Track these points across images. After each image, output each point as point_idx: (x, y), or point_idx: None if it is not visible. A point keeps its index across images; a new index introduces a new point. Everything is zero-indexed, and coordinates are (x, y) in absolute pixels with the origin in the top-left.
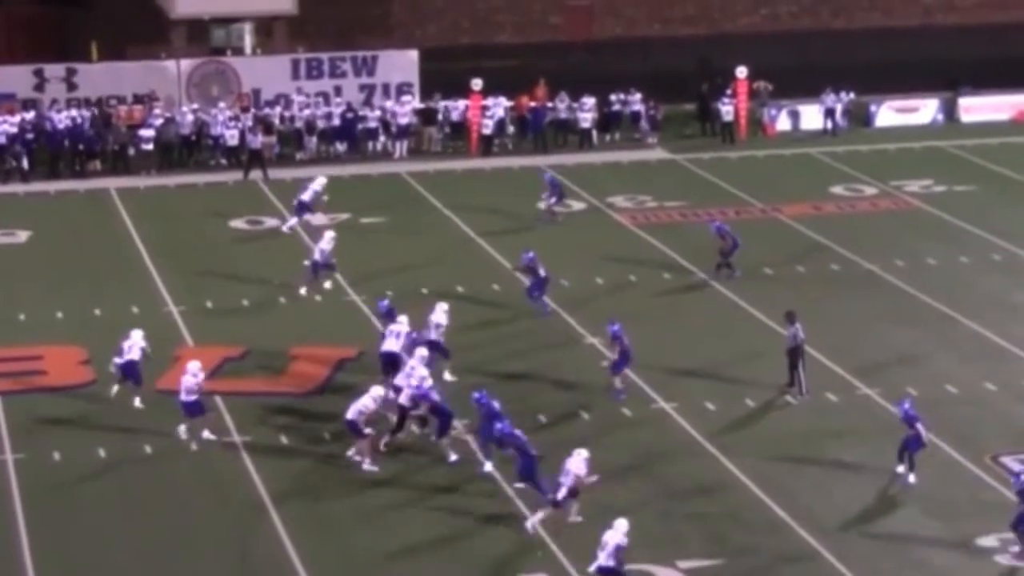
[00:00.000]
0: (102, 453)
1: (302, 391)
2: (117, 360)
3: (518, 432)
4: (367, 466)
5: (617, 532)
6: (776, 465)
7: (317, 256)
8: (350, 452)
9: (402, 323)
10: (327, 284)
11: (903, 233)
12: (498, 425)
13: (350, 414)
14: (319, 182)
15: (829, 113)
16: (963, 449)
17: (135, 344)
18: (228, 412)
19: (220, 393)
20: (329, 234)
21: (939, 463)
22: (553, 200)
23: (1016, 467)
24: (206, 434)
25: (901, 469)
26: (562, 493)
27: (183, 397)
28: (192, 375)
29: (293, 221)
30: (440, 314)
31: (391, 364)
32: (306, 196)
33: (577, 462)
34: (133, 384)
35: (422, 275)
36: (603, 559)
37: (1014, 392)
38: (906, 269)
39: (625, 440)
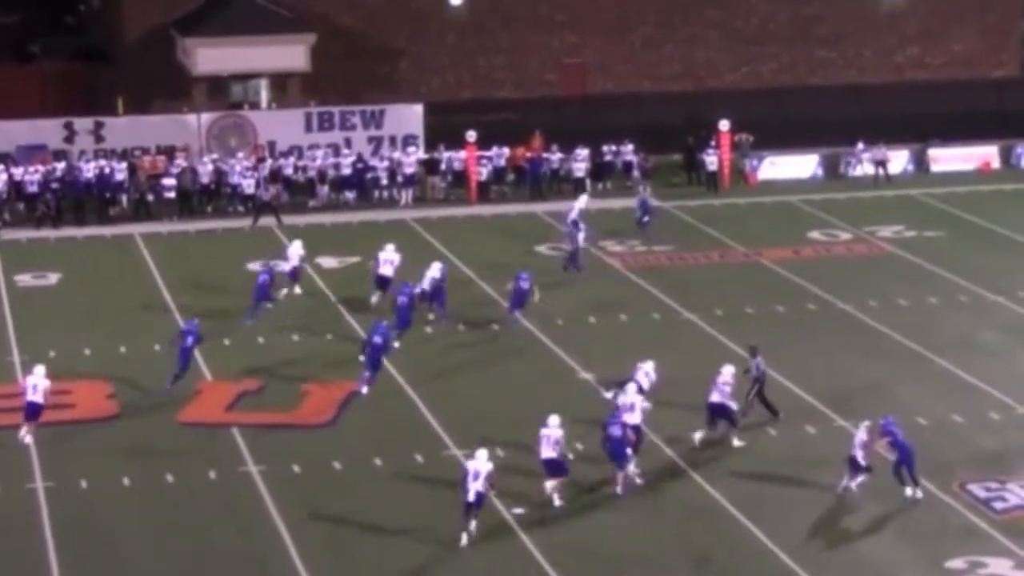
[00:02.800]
0: (127, 482)
1: (315, 422)
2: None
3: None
4: (558, 501)
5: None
6: (757, 491)
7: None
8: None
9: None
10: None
11: (876, 275)
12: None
13: (552, 453)
14: (296, 248)
15: (880, 164)
16: (933, 478)
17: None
18: (245, 443)
19: (238, 425)
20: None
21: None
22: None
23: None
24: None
25: (909, 492)
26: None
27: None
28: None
29: (296, 291)
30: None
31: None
32: (291, 265)
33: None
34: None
35: (426, 315)
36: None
37: (980, 424)
38: (879, 309)
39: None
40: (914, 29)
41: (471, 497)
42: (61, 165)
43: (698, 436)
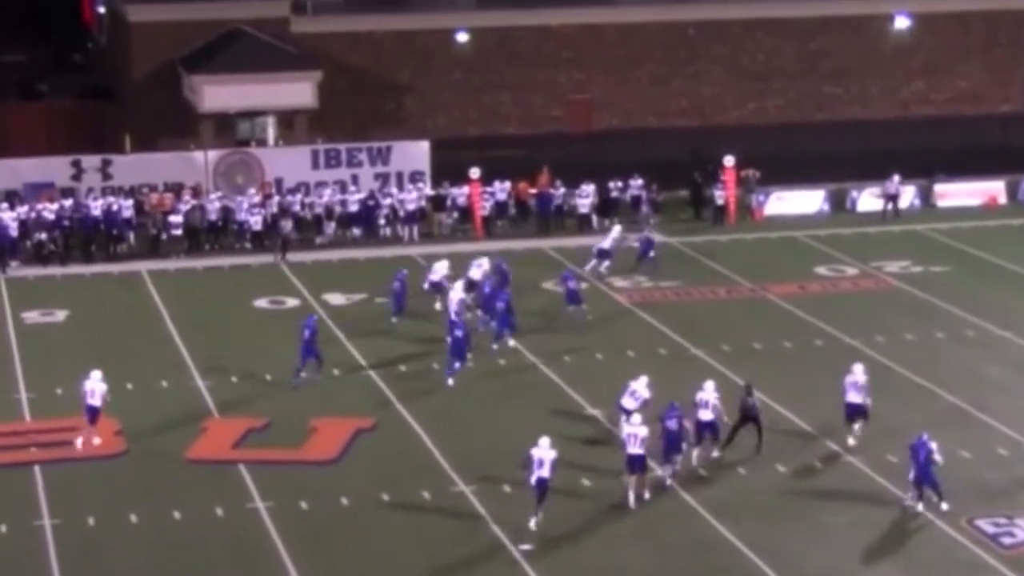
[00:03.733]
0: (134, 519)
1: (322, 459)
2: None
3: None
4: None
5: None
6: (765, 526)
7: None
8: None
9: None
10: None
11: (883, 311)
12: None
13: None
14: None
15: (891, 199)
16: (941, 513)
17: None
18: (252, 479)
19: (245, 462)
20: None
21: (917, 525)
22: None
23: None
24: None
25: (941, 505)
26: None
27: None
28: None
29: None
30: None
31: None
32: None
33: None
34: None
35: (433, 351)
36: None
37: (987, 458)
38: (885, 344)
39: (623, 504)
40: (920, 64)
41: (535, 483)
42: (68, 203)
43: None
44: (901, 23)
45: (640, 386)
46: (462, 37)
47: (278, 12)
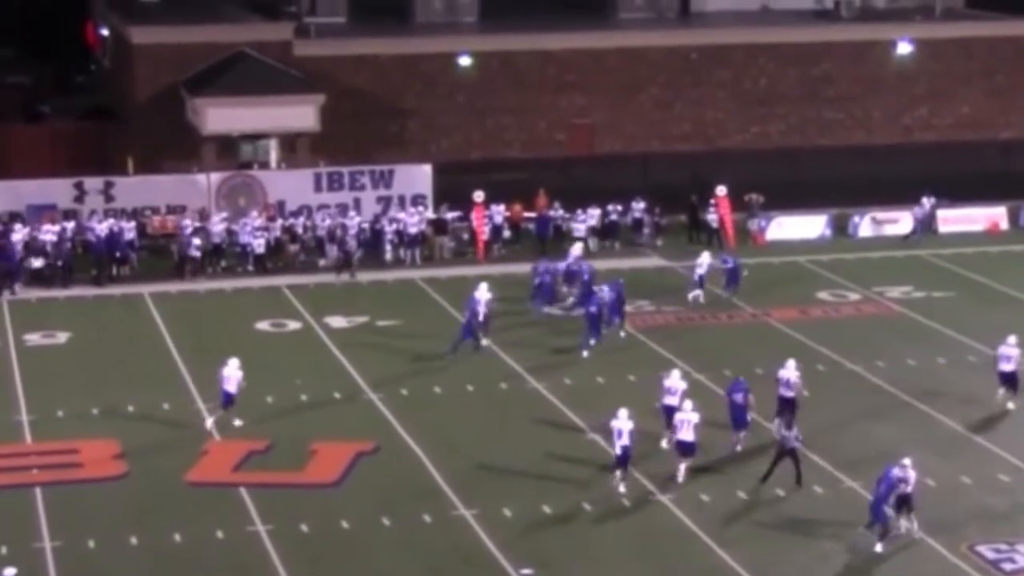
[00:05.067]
0: (134, 541)
1: (323, 482)
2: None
3: None
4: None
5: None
6: (765, 551)
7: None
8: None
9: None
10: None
11: (885, 336)
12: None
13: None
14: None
15: (920, 221)
16: (941, 538)
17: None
18: (253, 502)
19: (245, 484)
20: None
21: (918, 552)
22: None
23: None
24: None
25: (876, 545)
26: None
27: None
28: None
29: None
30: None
31: None
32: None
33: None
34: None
35: (435, 375)
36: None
37: (988, 485)
38: (887, 370)
39: (624, 528)
40: (922, 90)
41: (618, 452)
42: (71, 224)
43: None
44: (903, 49)
45: (674, 381)
46: (465, 61)
47: (281, 35)
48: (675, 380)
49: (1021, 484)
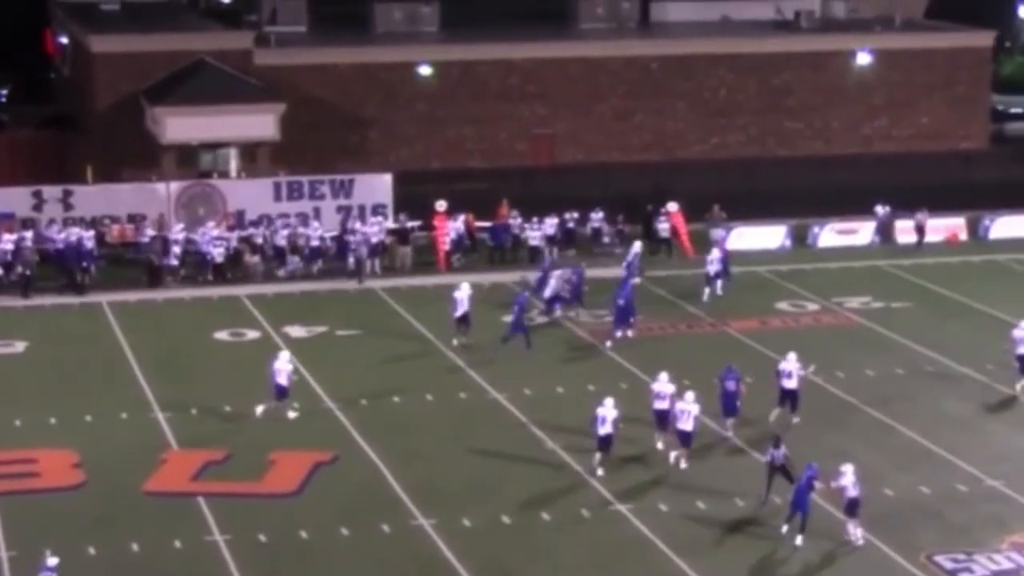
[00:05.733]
0: (92, 551)
1: (282, 492)
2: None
3: None
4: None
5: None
6: (722, 560)
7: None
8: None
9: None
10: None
11: (843, 346)
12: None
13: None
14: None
15: (919, 229)
16: (900, 549)
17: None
18: (211, 512)
19: (204, 494)
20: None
21: (877, 562)
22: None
23: None
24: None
25: (797, 538)
26: None
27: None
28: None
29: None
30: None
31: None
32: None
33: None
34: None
35: (394, 384)
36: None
37: (947, 495)
38: (846, 380)
39: (583, 539)
40: (882, 101)
41: (600, 437)
42: (29, 233)
43: (673, 456)
44: (863, 60)
45: (662, 385)
46: (425, 70)
47: (241, 44)
48: (663, 384)
49: (979, 494)
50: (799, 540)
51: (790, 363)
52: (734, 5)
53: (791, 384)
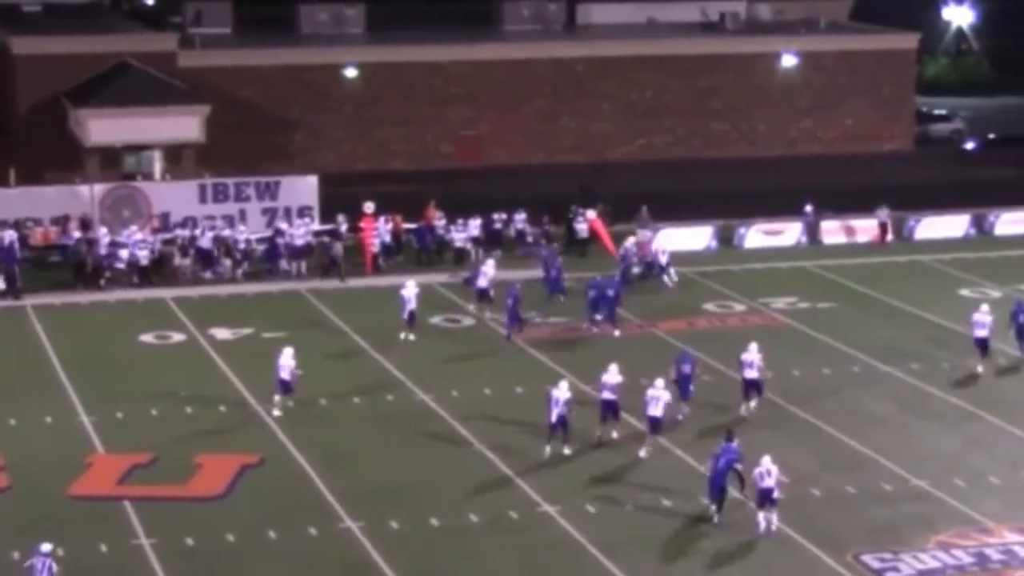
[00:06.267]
0: (16, 556)
1: (208, 495)
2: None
3: None
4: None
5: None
6: (653, 562)
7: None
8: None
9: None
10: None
11: (770, 347)
12: None
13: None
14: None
15: (882, 227)
16: (826, 548)
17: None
18: (137, 516)
19: (130, 498)
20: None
21: (804, 562)
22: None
23: None
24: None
25: (715, 516)
26: None
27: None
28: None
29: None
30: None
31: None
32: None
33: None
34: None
35: (320, 386)
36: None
37: (873, 495)
38: (773, 380)
39: (512, 541)
40: (807, 103)
41: (554, 419)
42: None
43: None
44: (788, 61)
45: (611, 376)
46: (351, 72)
47: (165, 46)
48: (612, 375)
49: (905, 494)
50: (716, 519)
51: (752, 354)
52: (660, 7)
53: (752, 374)
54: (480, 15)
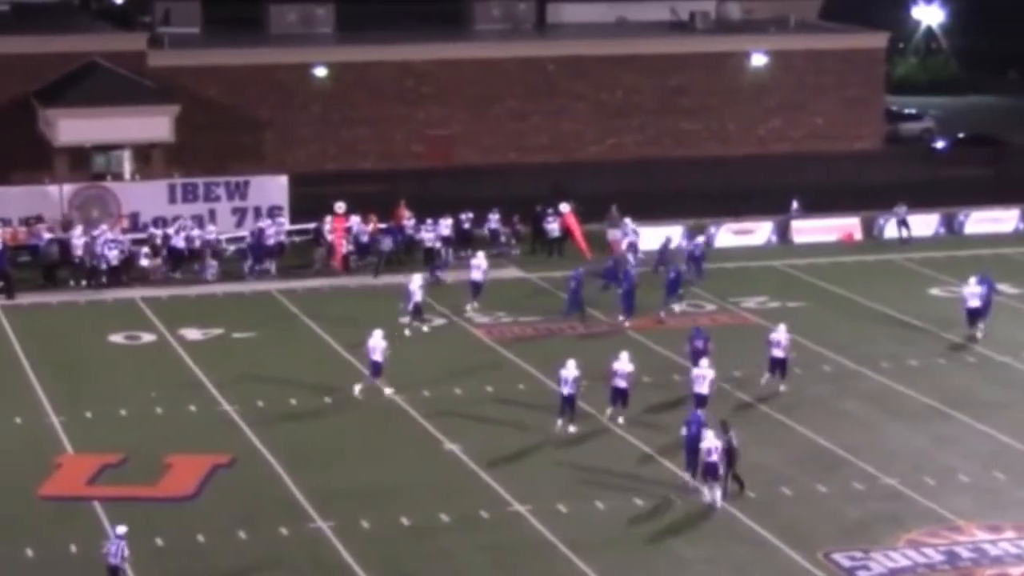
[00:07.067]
0: None
1: (178, 495)
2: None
3: None
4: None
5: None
6: (622, 560)
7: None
8: None
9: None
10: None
11: (740, 346)
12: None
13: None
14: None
15: (902, 223)
16: (798, 547)
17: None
18: (107, 516)
19: (99, 499)
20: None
21: (775, 560)
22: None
23: None
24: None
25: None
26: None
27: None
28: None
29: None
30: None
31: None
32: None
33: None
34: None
35: (291, 387)
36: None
37: (843, 493)
38: (743, 379)
39: (483, 540)
40: (777, 102)
41: (564, 397)
42: None
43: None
44: (758, 61)
45: (623, 364)
46: (321, 72)
47: (135, 45)
48: (624, 363)
49: (875, 492)
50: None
51: (780, 333)
52: (630, 6)
53: (779, 353)
54: (450, 14)
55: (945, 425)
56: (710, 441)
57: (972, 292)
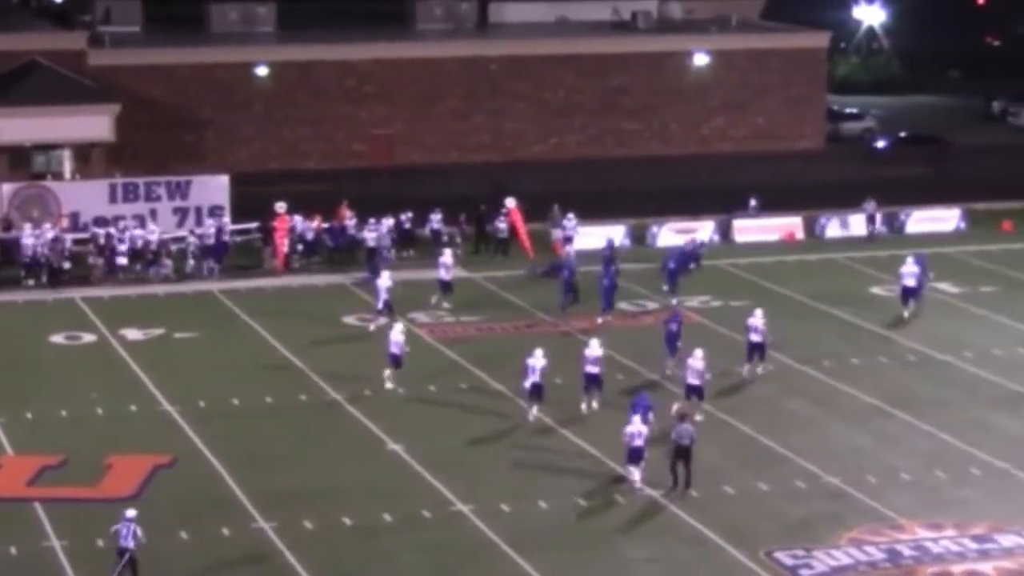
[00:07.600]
0: None
1: (119, 496)
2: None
3: None
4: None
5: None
6: (565, 560)
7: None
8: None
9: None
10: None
11: (683, 345)
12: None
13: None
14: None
15: (870, 219)
16: (740, 546)
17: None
18: (47, 517)
19: (39, 500)
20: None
21: (717, 559)
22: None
23: None
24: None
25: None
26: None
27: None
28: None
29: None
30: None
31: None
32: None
33: None
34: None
35: (233, 387)
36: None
37: (785, 491)
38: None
39: (425, 540)
40: (719, 102)
41: (529, 386)
42: None
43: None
44: (700, 60)
45: (593, 350)
46: (262, 71)
47: (75, 44)
48: (594, 349)
49: (817, 491)
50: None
51: (757, 319)
52: (572, 6)
53: (757, 338)
54: (392, 14)
55: (887, 424)
56: (635, 426)
57: (909, 271)
